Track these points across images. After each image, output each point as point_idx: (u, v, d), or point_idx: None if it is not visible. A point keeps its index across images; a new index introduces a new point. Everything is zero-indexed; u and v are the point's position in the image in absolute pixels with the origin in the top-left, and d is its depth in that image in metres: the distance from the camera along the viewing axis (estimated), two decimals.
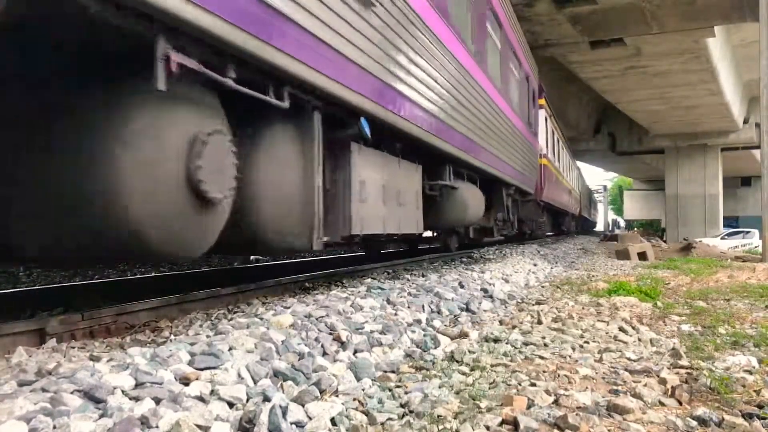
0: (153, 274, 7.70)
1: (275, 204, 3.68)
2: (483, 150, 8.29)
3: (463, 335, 3.64)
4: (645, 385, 2.57)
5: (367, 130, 4.42)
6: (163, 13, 2.36)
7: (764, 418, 2.16)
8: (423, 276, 6.53)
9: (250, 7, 2.89)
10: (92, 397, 1.93)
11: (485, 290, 5.55)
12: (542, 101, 15.79)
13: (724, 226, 33.69)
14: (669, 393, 2.49)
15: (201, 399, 2.05)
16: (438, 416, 2.11)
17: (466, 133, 7.32)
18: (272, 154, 3.68)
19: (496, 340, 3.48)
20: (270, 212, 3.65)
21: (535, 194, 14.29)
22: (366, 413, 2.15)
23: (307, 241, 3.96)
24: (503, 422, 2.07)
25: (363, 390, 2.45)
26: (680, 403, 2.38)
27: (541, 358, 3.07)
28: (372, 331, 3.35)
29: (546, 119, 16.66)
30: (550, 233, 25.91)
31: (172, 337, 3.26)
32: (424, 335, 3.54)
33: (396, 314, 3.91)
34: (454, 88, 6.73)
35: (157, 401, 1.95)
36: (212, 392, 2.14)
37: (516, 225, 12.55)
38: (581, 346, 3.40)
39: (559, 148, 20.76)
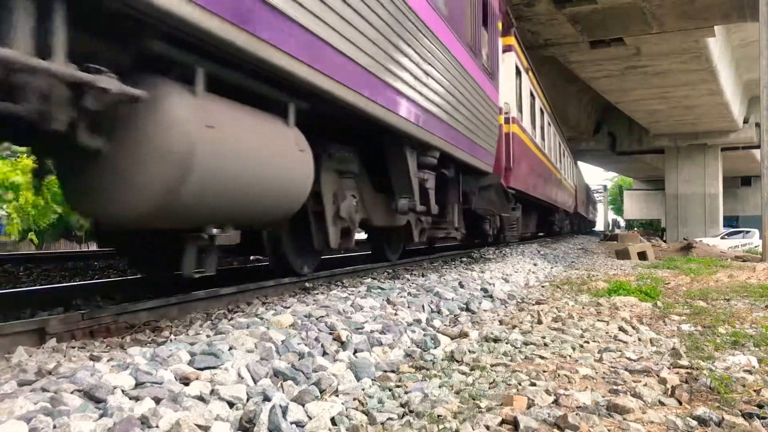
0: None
1: None
2: (299, 31, 3.52)
3: (463, 335, 3.64)
4: (645, 384, 2.57)
5: None
6: None
7: (764, 418, 2.17)
8: (423, 276, 6.53)
9: None
10: (92, 397, 1.93)
11: (485, 290, 5.55)
12: (511, 40, 11.53)
13: (724, 225, 33.72)
14: (669, 393, 2.50)
15: (201, 399, 2.06)
16: (438, 416, 2.11)
17: None
18: None
19: (496, 340, 3.48)
20: None
21: (501, 178, 10.29)
22: (366, 413, 2.15)
23: None
24: (503, 422, 2.07)
25: (363, 390, 2.45)
26: (680, 403, 2.38)
27: (541, 357, 3.08)
28: (372, 331, 3.35)
29: (519, 72, 12.25)
30: (541, 234, 21.93)
31: (172, 336, 3.26)
32: (424, 335, 3.54)
33: (396, 314, 3.91)
34: None
35: (157, 401, 1.95)
36: (212, 392, 2.14)
37: (458, 221, 8.19)
38: (581, 346, 3.40)
39: (544, 122, 16.20)
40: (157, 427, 1.79)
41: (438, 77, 6.24)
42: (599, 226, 67.92)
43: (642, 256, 14.34)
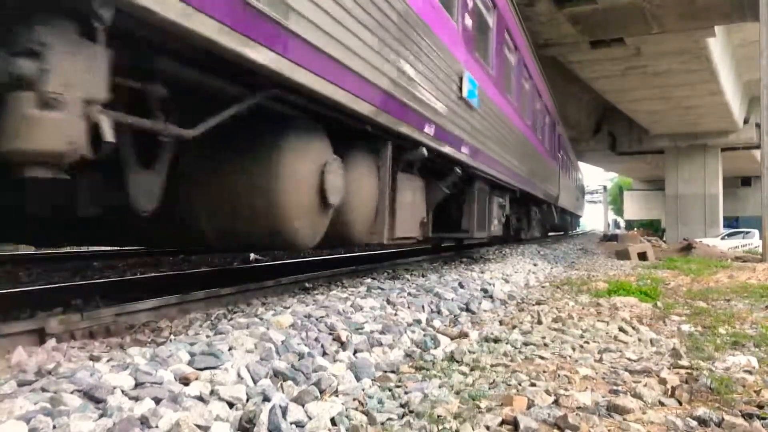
0: (153, 274, 7.69)
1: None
2: None
3: (463, 335, 3.64)
4: (645, 385, 2.57)
5: None
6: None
7: (764, 419, 2.16)
8: (423, 276, 6.53)
9: None
10: (92, 397, 1.93)
11: (485, 290, 5.55)
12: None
13: (724, 226, 33.67)
14: (669, 393, 2.50)
15: (201, 399, 2.05)
16: (438, 416, 2.11)
17: None
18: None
19: (496, 340, 3.48)
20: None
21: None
22: (366, 413, 2.15)
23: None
24: (503, 422, 2.07)
25: (363, 390, 2.45)
26: (680, 403, 2.38)
27: (541, 358, 3.07)
28: (372, 331, 3.35)
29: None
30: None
31: (172, 337, 3.26)
32: (424, 335, 3.54)
33: (396, 314, 3.91)
34: None
35: (157, 401, 1.95)
36: (212, 392, 2.14)
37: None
38: (581, 346, 3.40)
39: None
40: (156, 427, 1.79)
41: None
42: (597, 226, 67.73)
43: (642, 256, 14.32)
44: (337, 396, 2.36)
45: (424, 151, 5.32)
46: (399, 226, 5.26)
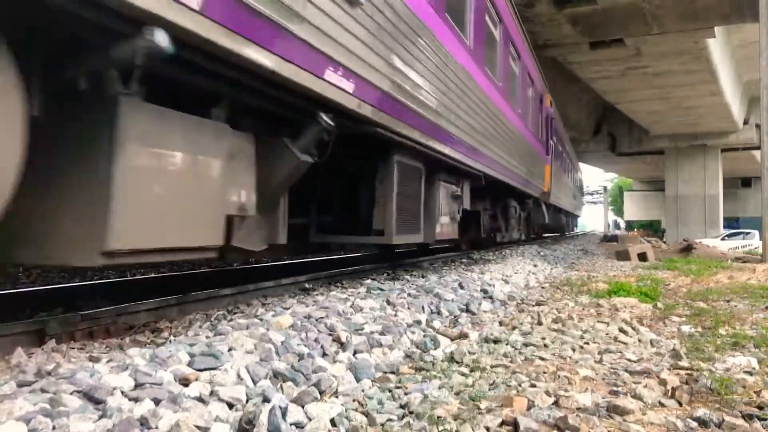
0: (153, 275, 7.69)
1: None
2: None
3: (463, 336, 3.64)
4: (645, 386, 2.57)
5: None
6: None
7: (764, 419, 2.16)
8: (423, 277, 6.52)
9: None
10: (92, 398, 1.93)
11: (485, 291, 5.55)
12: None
13: (725, 227, 33.68)
14: (669, 394, 2.49)
15: (200, 400, 2.05)
16: (438, 417, 2.11)
17: None
18: None
19: (496, 341, 3.48)
20: None
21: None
22: (366, 414, 2.15)
23: None
24: (503, 423, 2.07)
25: (363, 391, 2.45)
26: (680, 404, 2.38)
27: (541, 359, 3.07)
28: (372, 332, 3.35)
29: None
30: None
31: (172, 337, 3.26)
32: (424, 336, 3.54)
33: (396, 315, 3.90)
34: None
35: (157, 402, 1.95)
36: (212, 393, 2.14)
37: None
38: (581, 347, 3.39)
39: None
40: (156, 428, 1.79)
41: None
42: (597, 226, 67.93)
43: (642, 257, 14.32)
44: (336, 397, 2.36)
45: (159, 38, 2.26)
46: (139, 226, 2.63)
